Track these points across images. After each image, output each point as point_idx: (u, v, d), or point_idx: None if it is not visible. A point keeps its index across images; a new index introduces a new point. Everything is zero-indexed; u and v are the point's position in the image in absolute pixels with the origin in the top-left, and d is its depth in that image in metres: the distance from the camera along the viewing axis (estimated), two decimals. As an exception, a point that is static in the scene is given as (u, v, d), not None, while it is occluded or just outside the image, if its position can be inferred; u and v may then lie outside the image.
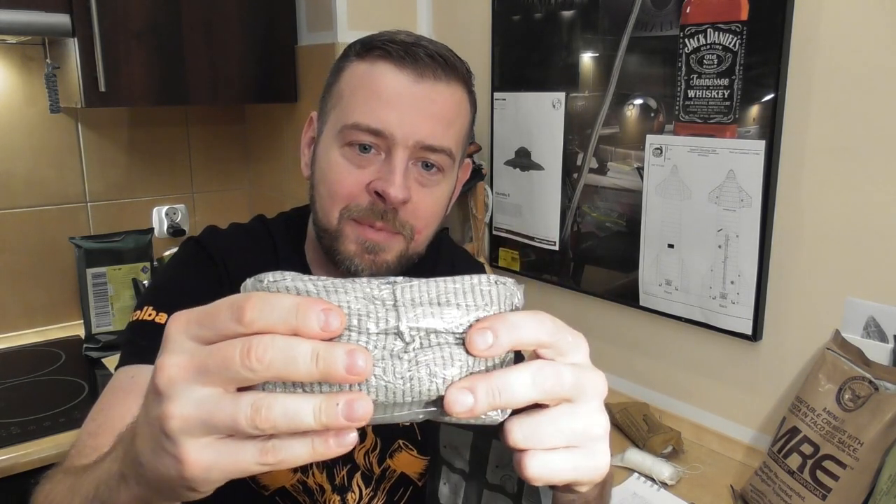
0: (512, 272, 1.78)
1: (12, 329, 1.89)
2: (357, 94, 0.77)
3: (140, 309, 0.81)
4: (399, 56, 0.76)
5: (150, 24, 1.64)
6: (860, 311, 1.17)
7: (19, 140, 1.84)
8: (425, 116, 0.76)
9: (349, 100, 0.78)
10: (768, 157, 1.22)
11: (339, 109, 0.79)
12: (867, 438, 1.05)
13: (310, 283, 0.37)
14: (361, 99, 0.77)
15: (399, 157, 0.76)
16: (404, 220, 0.79)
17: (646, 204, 1.43)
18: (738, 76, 1.24)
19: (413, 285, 0.38)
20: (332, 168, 0.78)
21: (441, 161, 0.79)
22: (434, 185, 0.80)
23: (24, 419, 1.41)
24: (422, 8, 1.92)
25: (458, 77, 0.79)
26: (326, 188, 0.79)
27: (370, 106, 0.76)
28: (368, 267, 0.79)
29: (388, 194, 0.75)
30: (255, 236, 0.90)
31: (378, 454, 0.89)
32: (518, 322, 0.39)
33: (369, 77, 0.77)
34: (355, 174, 0.77)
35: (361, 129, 0.76)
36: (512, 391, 0.38)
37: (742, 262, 1.28)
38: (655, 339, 1.49)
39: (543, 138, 1.63)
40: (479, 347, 0.37)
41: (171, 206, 2.07)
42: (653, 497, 1.21)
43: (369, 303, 0.37)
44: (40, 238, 1.89)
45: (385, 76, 0.76)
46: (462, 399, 0.37)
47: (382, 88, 0.76)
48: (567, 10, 1.53)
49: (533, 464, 0.40)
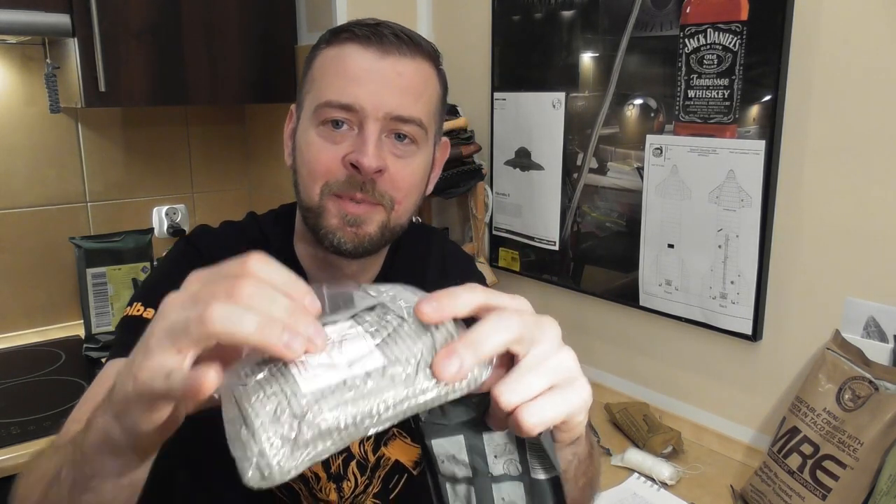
0: (512, 272, 1.78)
1: (12, 329, 1.89)
2: (327, 75, 0.81)
3: (130, 305, 0.84)
4: (365, 36, 0.80)
5: (150, 24, 1.64)
6: (860, 311, 1.17)
7: (19, 140, 1.84)
8: (393, 89, 0.80)
9: (320, 82, 0.82)
10: (768, 157, 1.22)
11: (312, 93, 0.83)
12: (867, 438, 1.05)
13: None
14: (332, 78, 0.80)
15: (371, 128, 0.79)
16: (383, 191, 0.81)
17: (646, 204, 1.43)
18: (738, 76, 1.24)
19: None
20: (309, 147, 0.82)
21: (413, 132, 0.82)
22: (409, 157, 0.83)
23: (24, 419, 1.41)
24: (422, 8, 1.92)
25: (423, 53, 0.83)
26: (306, 167, 0.82)
27: (340, 84, 0.79)
28: (351, 240, 0.81)
29: (362, 164, 0.78)
30: (245, 232, 0.93)
31: (373, 443, 0.91)
32: (456, 291, 0.45)
33: (338, 58, 0.81)
34: (331, 149, 0.80)
35: (333, 105, 0.79)
36: (486, 340, 0.43)
37: (742, 262, 1.28)
38: (655, 339, 1.49)
39: (543, 138, 1.63)
40: (428, 314, 0.43)
41: (171, 206, 2.07)
42: (653, 497, 1.21)
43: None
44: (40, 238, 1.89)
45: (352, 55, 0.80)
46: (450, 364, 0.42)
47: (350, 67, 0.80)
48: (567, 10, 1.53)
49: (528, 414, 0.44)
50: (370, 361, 0.41)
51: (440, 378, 0.42)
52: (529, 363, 0.45)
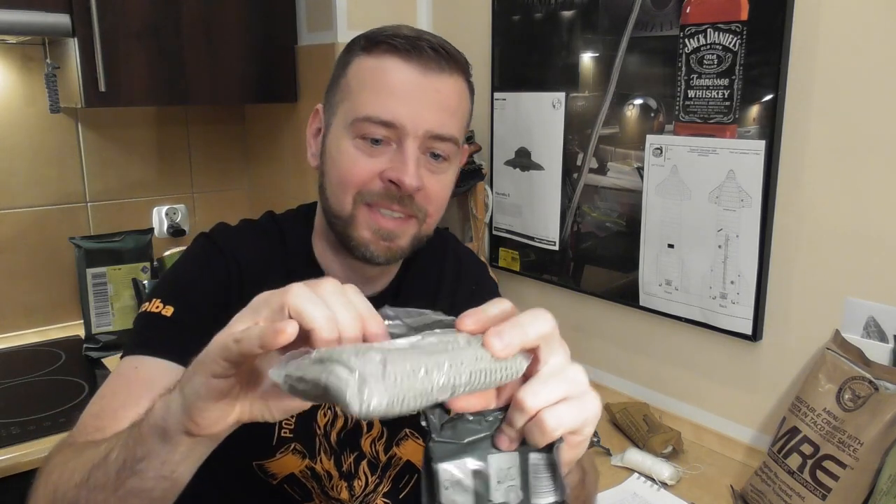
0: (512, 272, 1.78)
1: (12, 329, 1.89)
2: (366, 88, 0.81)
3: (149, 301, 0.84)
4: (405, 50, 0.80)
5: (150, 24, 1.64)
6: (860, 311, 1.17)
7: (19, 140, 1.84)
8: (433, 107, 0.80)
9: (359, 94, 0.81)
10: (768, 157, 1.22)
11: (348, 103, 0.82)
12: (867, 438, 1.05)
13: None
14: (372, 93, 0.80)
15: (410, 147, 0.80)
16: (420, 205, 0.83)
17: (646, 204, 1.43)
18: (738, 76, 1.24)
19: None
20: (343, 157, 0.82)
21: (448, 149, 0.84)
22: (442, 173, 0.85)
23: (24, 419, 1.41)
24: (422, 8, 1.92)
25: (459, 68, 0.83)
26: (338, 175, 0.82)
27: (381, 99, 0.79)
28: (384, 253, 0.83)
29: (403, 182, 0.79)
30: (264, 230, 0.93)
31: (384, 443, 0.91)
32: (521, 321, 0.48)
33: (378, 71, 0.80)
34: (368, 162, 0.81)
35: (373, 121, 0.79)
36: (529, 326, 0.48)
37: (742, 262, 1.28)
38: (655, 339, 1.49)
39: (543, 138, 1.63)
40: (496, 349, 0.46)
41: (171, 206, 2.07)
42: (653, 497, 1.21)
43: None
44: (40, 238, 1.89)
45: (393, 70, 0.80)
46: (499, 340, 0.46)
47: (391, 82, 0.79)
48: (567, 10, 1.53)
49: (549, 418, 0.47)
50: (434, 339, 0.46)
51: (491, 348, 0.46)
52: (550, 371, 0.49)
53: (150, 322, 0.82)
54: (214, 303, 0.82)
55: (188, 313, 0.81)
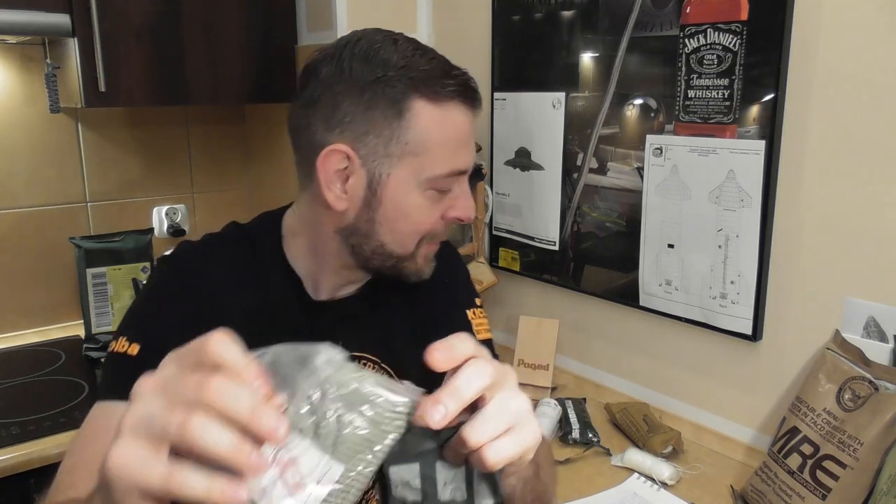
0: (512, 272, 1.78)
1: (12, 329, 1.89)
2: (442, 144, 0.80)
3: (116, 339, 0.82)
4: (470, 97, 0.81)
5: (150, 24, 1.64)
6: (860, 311, 1.17)
7: (19, 140, 1.84)
8: (474, 142, 0.86)
9: (437, 151, 0.80)
10: (768, 157, 1.22)
11: (422, 159, 0.80)
12: (867, 438, 1.05)
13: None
14: (450, 150, 0.81)
15: (466, 183, 0.85)
16: None
17: (646, 204, 1.43)
18: (738, 76, 1.24)
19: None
20: (415, 208, 0.83)
21: None
22: None
23: (24, 419, 1.41)
24: (422, 8, 1.92)
25: None
26: (408, 225, 0.83)
27: (456, 153, 0.81)
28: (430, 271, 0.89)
29: (469, 218, 0.85)
30: (230, 242, 0.91)
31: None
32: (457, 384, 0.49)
33: (449, 125, 0.80)
34: (437, 210, 0.84)
35: (452, 175, 0.82)
36: (467, 388, 0.48)
37: (742, 262, 1.28)
38: (655, 339, 1.49)
39: (543, 138, 1.63)
40: (435, 419, 0.47)
41: (171, 206, 2.07)
42: (653, 497, 1.21)
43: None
44: (40, 238, 1.89)
45: (461, 120, 0.81)
46: (436, 412, 0.46)
47: (462, 134, 0.82)
48: (567, 10, 1.53)
49: (490, 453, 0.49)
50: (328, 475, 0.44)
51: (428, 422, 0.46)
52: (495, 407, 0.50)
53: (117, 364, 0.81)
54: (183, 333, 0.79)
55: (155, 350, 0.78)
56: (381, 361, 0.93)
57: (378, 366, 0.93)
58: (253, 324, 0.84)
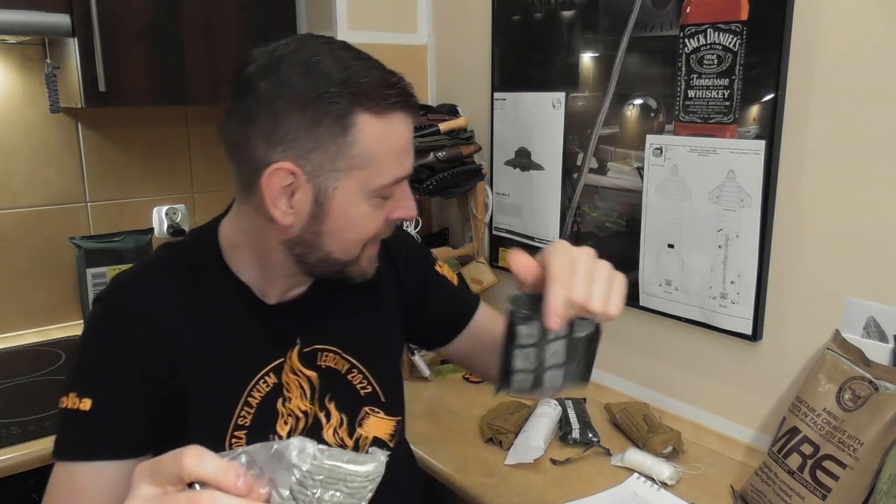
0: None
1: (12, 329, 1.89)
2: (385, 155, 0.81)
3: (66, 395, 0.80)
4: (411, 106, 0.82)
5: (150, 24, 1.64)
6: (860, 311, 1.17)
7: (19, 140, 1.84)
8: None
9: (382, 162, 0.80)
10: (768, 157, 1.22)
11: (368, 171, 0.80)
12: (867, 438, 1.05)
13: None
14: (394, 160, 0.82)
15: (406, 183, 0.86)
16: None
17: (646, 204, 1.43)
18: (738, 76, 1.24)
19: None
20: (362, 219, 0.83)
21: None
22: None
23: (24, 419, 1.41)
24: (422, 8, 1.92)
25: None
26: (354, 233, 0.84)
27: (400, 161, 0.82)
28: (373, 271, 0.90)
29: (412, 216, 0.87)
30: (167, 267, 0.88)
31: (346, 428, 0.92)
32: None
33: (392, 136, 0.81)
34: (380, 216, 0.85)
35: (396, 182, 0.83)
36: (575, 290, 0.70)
37: (742, 262, 1.28)
38: (655, 339, 1.49)
39: (543, 138, 1.63)
40: None
41: (171, 206, 2.07)
42: (653, 497, 1.21)
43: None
44: (40, 238, 1.89)
45: (402, 130, 0.82)
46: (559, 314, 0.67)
47: (404, 143, 0.82)
48: (567, 10, 1.53)
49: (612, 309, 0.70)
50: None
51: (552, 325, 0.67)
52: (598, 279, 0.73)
53: (71, 421, 0.80)
54: (131, 376, 0.80)
55: (106, 402, 0.79)
56: (343, 353, 0.94)
57: (341, 356, 0.93)
58: (207, 341, 0.84)
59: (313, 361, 0.91)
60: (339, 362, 0.93)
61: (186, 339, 0.83)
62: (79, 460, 0.78)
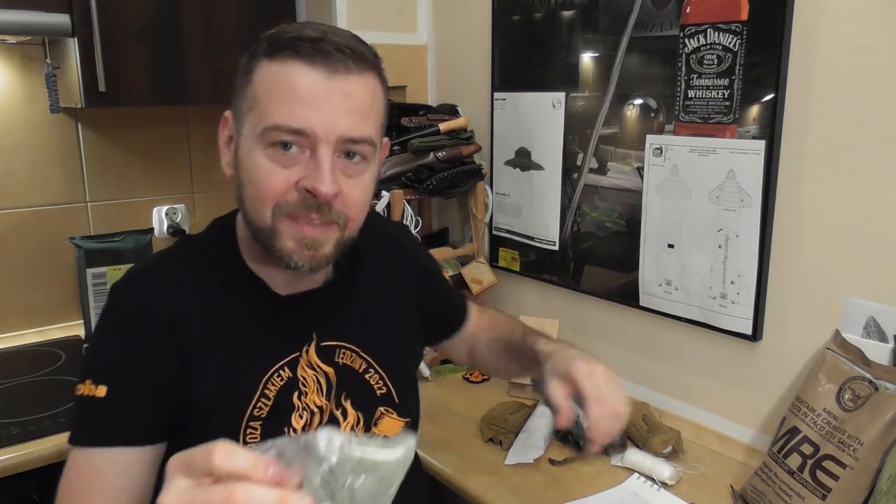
0: (512, 272, 1.78)
1: (12, 329, 1.89)
2: (273, 96, 0.78)
3: (83, 382, 0.82)
4: (308, 54, 0.77)
5: (150, 24, 1.64)
6: (860, 311, 1.17)
7: (19, 140, 1.84)
8: (343, 111, 0.78)
9: (266, 103, 0.78)
10: (768, 157, 1.22)
11: (256, 112, 0.79)
12: (867, 438, 1.05)
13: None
14: (278, 101, 0.77)
15: (324, 153, 0.78)
16: (339, 211, 0.81)
17: (646, 204, 1.43)
18: (738, 76, 1.24)
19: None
20: (257, 170, 0.80)
21: (364, 150, 0.82)
22: (360, 175, 0.83)
23: (24, 419, 1.41)
24: (422, 8, 1.92)
25: (368, 66, 0.81)
26: (255, 189, 0.80)
27: (288, 107, 0.77)
28: (308, 261, 0.82)
29: (319, 191, 0.77)
30: (182, 258, 0.90)
31: (363, 427, 0.92)
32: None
33: (282, 78, 0.78)
34: (283, 174, 0.79)
35: (282, 130, 0.77)
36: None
37: (742, 262, 1.28)
38: (655, 339, 1.49)
39: (543, 138, 1.63)
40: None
41: (171, 206, 2.07)
42: (653, 497, 1.21)
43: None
44: (40, 238, 1.89)
45: (298, 75, 0.77)
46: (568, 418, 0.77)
47: (297, 88, 0.77)
48: (567, 10, 1.53)
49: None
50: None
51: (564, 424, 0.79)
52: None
53: (87, 408, 0.81)
54: (146, 363, 0.81)
55: (122, 389, 0.81)
56: (360, 351, 0.94)
57: (358, 355, 0.93)
58: (221, 324, 0.85)
59: (331, 357, 0.91)
60: (355, 360, 0.93)
61: (200, 329, 0.84)
62: (94, 447, 0.79)
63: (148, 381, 0.81)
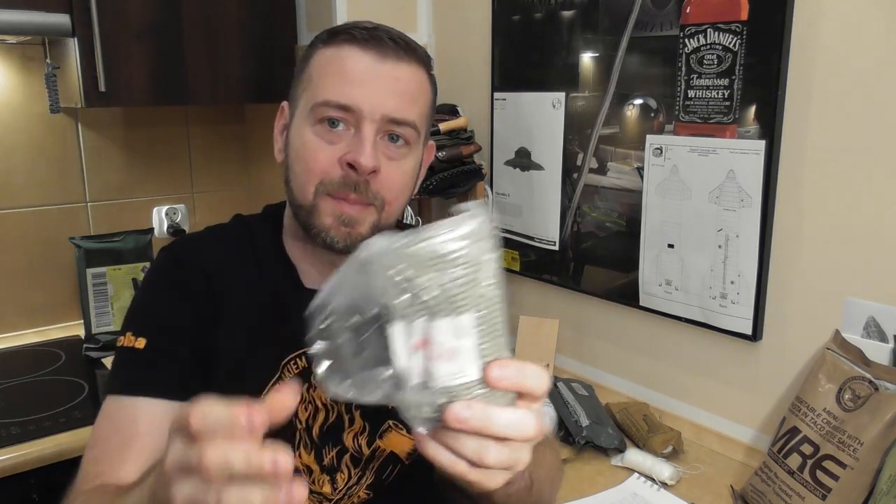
0: (512, 272, 1.78)
1: (12, 329, 1.89)
2: (325, 75, 0.83)
3: (123, 334, 0.85)
4: (363, 39, 0.82)
5: (150, 24, 1.64)
6: (860, 311, 1.17)
7: (19, 140, 1.84)
8: (390, 92, 0.82)
9: (318, 81, 0.83)
10: (768, 157, 1.22)
11: (309, 91, 0.84)
12: (867, 438, 1.05)
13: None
14: (330, 79, 0.82)
15: (367, 129, 0.81)
16: (376, 191, 0.83)
17: (646, 204, 1.43)
18: (738, 76, 1.24)
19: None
20: (305, 146, 0.83)
21: (407, 134, 0.84)
22: (401, 158, 0.85)
23: (24, 419, 1.41)
24: (422, 8, 1.92)
25: (418, 59, 0.85)
26: (301, 165, 0.84)
27: (338, 84, 0.81)
28: (343, 239, 0.84)
29: (359, 163, 0.80)
30: (231, 233, 0.95)
31: (367, 437, 0.92)
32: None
33: (336, 59, 0.83)
34: (328, 150, 0.82)
35: (331, 105, 0.81)
36: (525, 379, 0.50)
37: (742, 262, 1.28)
38: (655, 339, 1.49)
39: (543, 138, 1.63)
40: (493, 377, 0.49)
41: (171, 206, 2.07)
42: (653, 497, 1.21)
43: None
44: (40, 238, 1.89)
45: (351, 57, 0.82)
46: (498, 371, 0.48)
47: (349, 68, 0.82)
48: (567, 10, 1.53)
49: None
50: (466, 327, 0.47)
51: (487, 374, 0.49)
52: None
53: (125, 358, 0.84)
54: (186, 322, 0.84)
55: (161, 342, 0.84)
56: None
57: None
58: (252, 302, 0.88)
59: None
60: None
61: (235, 302, 0.87)
62: (129, 395, 0.81)
63: (186, 336, 0.84)
